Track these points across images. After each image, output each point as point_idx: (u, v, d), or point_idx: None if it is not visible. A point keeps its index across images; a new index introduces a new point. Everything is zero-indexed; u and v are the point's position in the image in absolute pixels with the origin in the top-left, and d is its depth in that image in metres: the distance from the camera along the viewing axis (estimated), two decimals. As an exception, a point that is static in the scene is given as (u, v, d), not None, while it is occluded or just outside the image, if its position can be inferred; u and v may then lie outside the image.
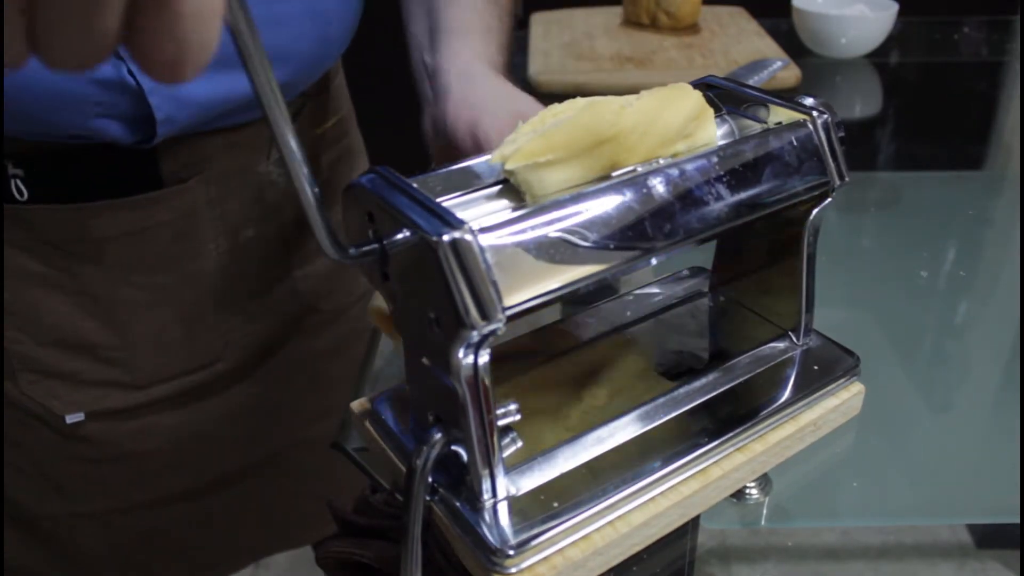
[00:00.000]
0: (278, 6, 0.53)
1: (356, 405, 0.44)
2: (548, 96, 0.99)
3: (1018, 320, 0.62)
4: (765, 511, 0.44)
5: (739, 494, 0.44)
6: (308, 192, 0.30)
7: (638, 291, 0.53)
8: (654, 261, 0.37)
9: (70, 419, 0.59)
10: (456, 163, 0.38)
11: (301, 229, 0.65)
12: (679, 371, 0.45)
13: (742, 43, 1.07)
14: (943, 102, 1.06)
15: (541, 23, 1.17)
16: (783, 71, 0.94)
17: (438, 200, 0.34)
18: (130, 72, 0.49)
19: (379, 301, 0.49)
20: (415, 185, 0.34)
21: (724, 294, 0.51)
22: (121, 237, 0.55)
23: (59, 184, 0.53)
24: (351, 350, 0.71)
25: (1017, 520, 0.45)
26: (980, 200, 0.82)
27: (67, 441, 0.60)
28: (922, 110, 1.05)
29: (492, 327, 0.31)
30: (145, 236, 0.56)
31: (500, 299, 0.31)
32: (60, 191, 0.53)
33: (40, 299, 0.56)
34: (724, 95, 0.45)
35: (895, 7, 1.09)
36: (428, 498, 0.37)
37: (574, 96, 0.39)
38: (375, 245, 0.34)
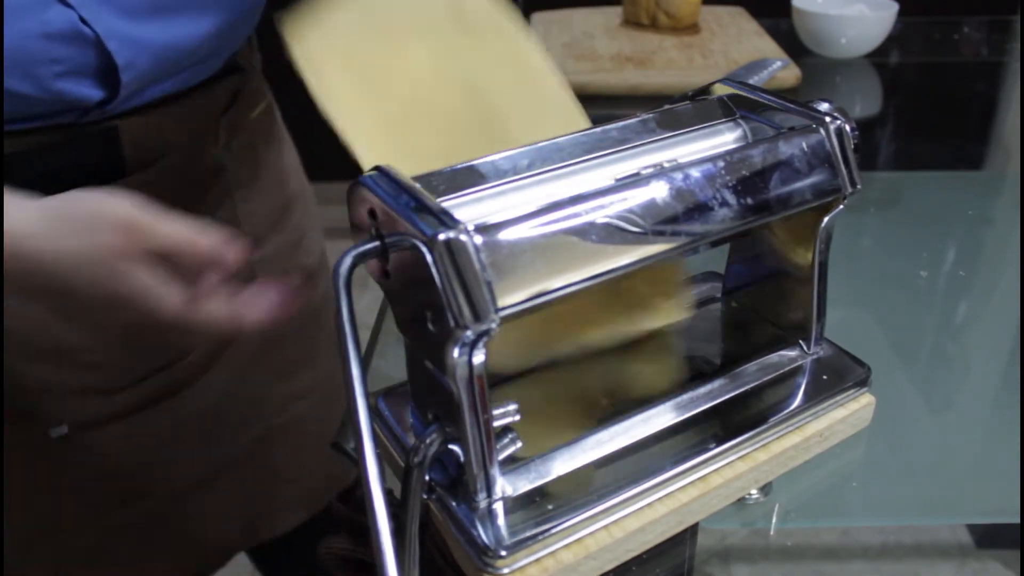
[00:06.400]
0: None
1: None
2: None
3: (1018, 320, 0.62)
4: (765, 511, 0.44)
5: (738, 494, 0.44)
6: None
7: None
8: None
9: (55, 432, 0.58)
10: (461, 163, 0.38)
11: (253, 213, 0.65)
12: (687, 376, 0.45)
13: (742, 43, 1.07)
14: (943, 102, 1.06)
15: (541, 23, 1.17)
16: (783, 71, 0.94)
17: (440, 199, 0.34)
18: (83, 20, 0.48)
19: None
20: (418, 184, 0.34)
21: (736, 300, 0.50)
22: None
23: (25, 179, 0.50)
24: (309, 333, 0.72)
25: (1017, 520, 0.45)
26: (980, 200, 0.82)
27: (50, 460, 0.59)
28: (922, 110, 1.05)
29: (485, 327, 0.31)
30: None
31: (494, 300, 0.31)
32: (26, 186, 0.52)
33: (13, 306, 0.54)
34: (738, 99, 0.44)
35: (895, 7, 1.09)
36: (425, 496, 0.37)
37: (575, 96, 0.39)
38: (376, 243, 0.34)
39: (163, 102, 0.56)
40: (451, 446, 0.36)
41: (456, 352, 0.32)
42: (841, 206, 0.42)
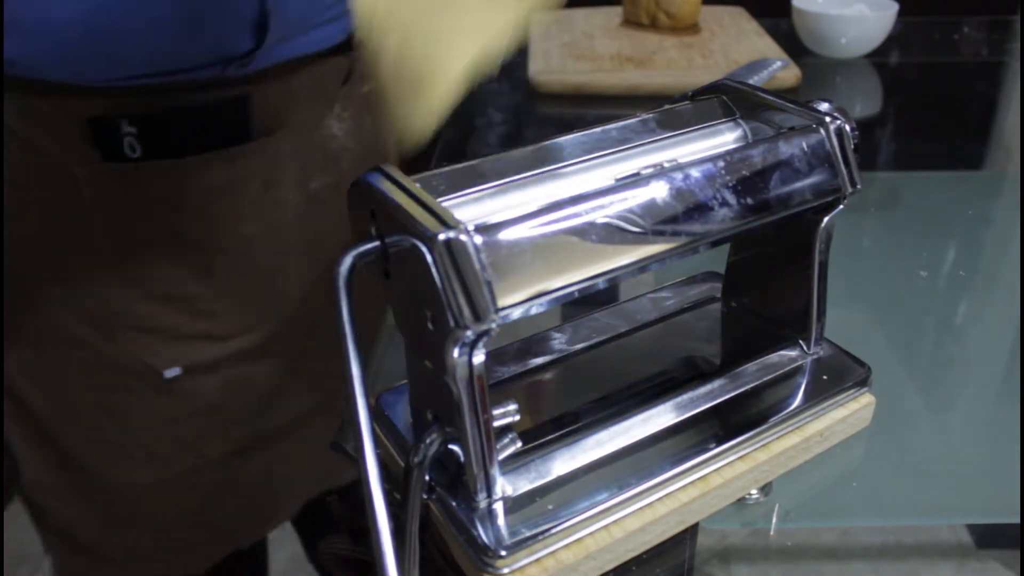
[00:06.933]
0: None
1: None
2: (548, 96, 0.99)
3: (1018, 320, 0.62)
4: (765, 511, 0.44)
5: (738, 494, 0.44)
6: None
7: (651, 294, 0.53)
8: (655, 267, 0.36)
9: (168, 373, 0.62)
10: (461, 163, 0.38)
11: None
12: (687, 376, 0.45)
13: (742, 43, 1.07)
14: (943, 102, 1.06)
15: (541, 23, 1.17)
16: (783, 71, 0.94)
17: (440, 199, 0.34)
18: None
19: None
20: (418, 184, 0.34)
21: (736, 300, 0.50)
22: (218, 188, 0.59)
23: (166, 140, 0.56)
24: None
25: (1017, 520, 0.45)
26: (980, 200, 0.82)
27: (160, 398, 0.63)
28: (922, 110, 1.05)
29: (485, 327, 0.31)
30: (238, 187, 0.59)
31: (494, 300, 0.31)
32: (167, 147, 0.57)
33: (143, 254, 0.59)
34: (738, 99, 0.44)
35: (895, 7, 1.09)
36: (425, 496, 0.37)
37: (574, 96, 0.39)
38: (376, 243, 0.34)
39: (291, 70, 0.59)
40: (451, 446, 0.36)
41: (456, 352, 0.32)
42: (841, 206, 0.42)
